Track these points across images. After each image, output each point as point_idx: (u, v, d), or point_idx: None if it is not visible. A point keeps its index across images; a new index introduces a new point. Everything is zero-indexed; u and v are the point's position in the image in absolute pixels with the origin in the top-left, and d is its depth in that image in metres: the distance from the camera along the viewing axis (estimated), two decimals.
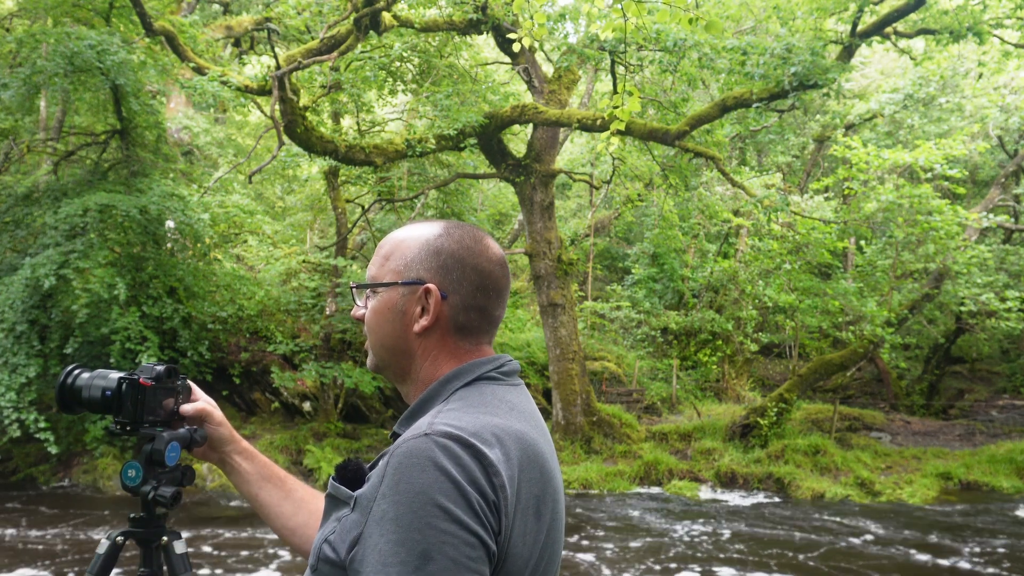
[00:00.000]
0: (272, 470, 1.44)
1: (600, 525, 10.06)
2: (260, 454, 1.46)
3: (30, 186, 12.86)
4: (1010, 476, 12.50)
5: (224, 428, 1.43)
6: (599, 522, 10.22)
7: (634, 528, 9.93)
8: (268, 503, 1.40)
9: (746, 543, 9.14)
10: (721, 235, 22.00)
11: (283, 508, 1.39)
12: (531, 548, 0.99)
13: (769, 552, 8.78)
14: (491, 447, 0.97)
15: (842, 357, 15.01)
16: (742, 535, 9.55)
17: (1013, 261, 16.14)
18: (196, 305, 12.70)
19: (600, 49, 11.19)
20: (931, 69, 15.13)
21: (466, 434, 0.96)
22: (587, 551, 8.75)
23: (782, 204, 12.55)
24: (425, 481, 0.92)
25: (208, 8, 17.74)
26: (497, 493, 0.95)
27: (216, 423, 1.42)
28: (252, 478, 1.42)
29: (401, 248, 1.18)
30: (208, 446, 1.43)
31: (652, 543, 9.14)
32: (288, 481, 1.43)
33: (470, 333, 1.15)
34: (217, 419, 1.43)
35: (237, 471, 1.43)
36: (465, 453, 0.94)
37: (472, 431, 0.97)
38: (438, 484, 0.92)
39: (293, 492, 1.41)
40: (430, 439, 0.95)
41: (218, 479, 11.55)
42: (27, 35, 11.33)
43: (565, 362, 13.58)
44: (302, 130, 11.08)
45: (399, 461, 0.95)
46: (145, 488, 1.34)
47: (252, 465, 1.43)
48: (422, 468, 0.93)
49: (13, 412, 10.09)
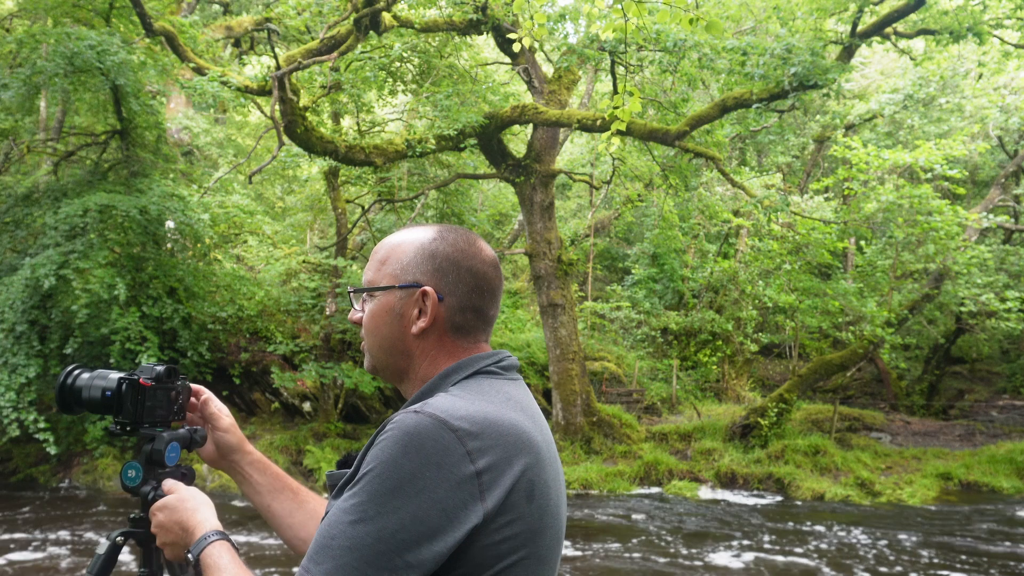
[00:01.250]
0: (285, 481, 1.45)
1: (600, 525, 10.05)
2: (272, 464, 1.47)
3: (30, 186, 12.86)
4: (1010, 476, 12.50)
5: (231, 435, 1.43)
6: (599, 522, 10.22)
7: (634, 527, 9.93)
8: (280, 514, 1.42)
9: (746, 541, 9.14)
10: (721, 235, 22.00)
11: (295, 519, 1.41)
12: (522, 529, 1.01)
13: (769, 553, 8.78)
14: (480, 428, 1.00)
15: (842, 357, 15.00)
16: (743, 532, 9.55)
17: (1013, 261, 16.13)
18: (196, 305, 12.69)
19: (600, 49, 11.19)
20: (931, 69, 15.13)
21: (452, 417, 1.00)
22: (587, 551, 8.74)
23: (782, 204, 12.55)
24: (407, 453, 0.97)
25: (208, 8, 17.74)
26: (480, 476, 0.98)
27: (223, 429, 1.43)
28: (263, 490, 1.43)
29: (397, 252, 1.20)
30: (216, 453, 1.44)
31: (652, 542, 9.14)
32: (301, 492, 1.45)
33: (467, 333, 1.18)
34: (224, 426, 1.43)
35: (248, 482, 1.44)
36: (449, 433, 0.98)
37: (461, 415, 1.01)
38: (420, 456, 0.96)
39: (305, 503, 1.43)
40: (420, 415, 1.00)
41: (218, 479, 11.55)
42: (27, 35, 11.33)
43: (565, 362, 13.58)
44: (302, 130, 11.08)
45: (387, 434, 1.00)
46: (145, 488, 1.34)
47: (264, 477, 1.44)
48: (406, 442, 0.97)
49: (13, 412, 10.09)
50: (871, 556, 8.68)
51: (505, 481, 1.00)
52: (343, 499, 0.98)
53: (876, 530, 9.88)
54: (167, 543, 1.25)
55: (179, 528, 1.23)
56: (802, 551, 8.86)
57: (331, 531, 0.96)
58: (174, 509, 1.25)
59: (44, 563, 7.81)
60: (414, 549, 0.94)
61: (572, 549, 8.72)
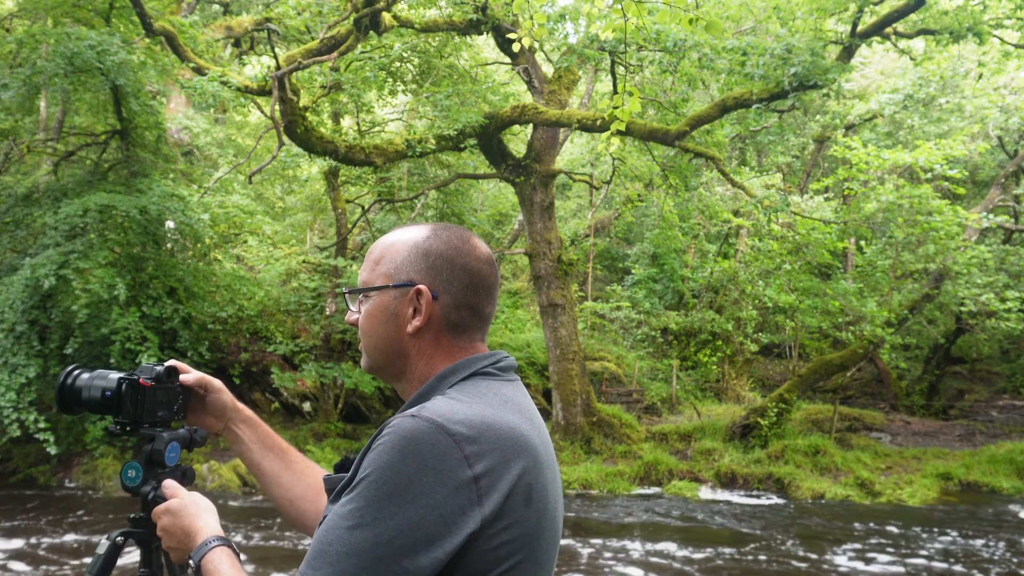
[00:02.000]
0: (274, 440, 1.47)
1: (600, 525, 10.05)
2: (263, 423, 1.49)
3: (30, 186, 12.86)
4: (1010, 476, 12.50)
5: (224, 395, 1.45)
6: (599, 522, 10.22)
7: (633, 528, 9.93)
8: (269, 472, 1.43)
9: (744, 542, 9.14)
10: (721, 235, 22.00)
11: (283, 478, 1.42)
12: (519, 533, 1.01)
13: (768, 550, 8.78)
14: (478, 432, 1.00)
15: (842, 357, 15.00)
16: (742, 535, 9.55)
17: (1013, 261, 16.14)
18: (196, 305, 12.70)
19: (600, 49, 11.19)
20: (931, 69, 15.13)
21: (449, 422, 0.99)
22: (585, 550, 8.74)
23: (782, 204, 12.55)
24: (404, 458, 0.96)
25: (208, 8, 17.74)
26: (478, 479, 0.97)
27: (216, 390, 1.44)
28: (255, 446, 1.45)
29: (391, 252, 1.20)
30: (212, 414, 1.45)
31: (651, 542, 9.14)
32: (290, 452, 1.47)
33: (463, 331, 1.18)
34: (216, 386, 1.44)
35: (240, 439, 1.46)
36: (447, 437, 0.98)
37: (458, 419, 1.00)
38: (417, 462, 0.96)
39: (294, 464, 1.45)
40: (417, 420, 0.99)
41: (218, 479, 11.55)
42: (27, 35, 11.33)
43: (565, 362, 13.58)
44: (302, 130, 11.08)
45: (384, 439, 0.99)
46: (145, 488, 1.34)
47: (255, 433, 1.46)
48: (403, 446, 0.97)
49: (13, 412, 10.09)
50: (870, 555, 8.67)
51: (503, 486, 0.99)
52: (341, 504, 0.98)
53: (874, 530, 9.87)
54: (171, 547, 1.26)
55: (182, 533, 1.24)
56: (801, 550, 8.85)
57: (328, 536, 0.96)
58: (177, 514, 1.25)
59: (44, 563, 7.81)
60: (411, 555, 0.94)
61: (572, 549, 8.71)
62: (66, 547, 8.39)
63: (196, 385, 1.43)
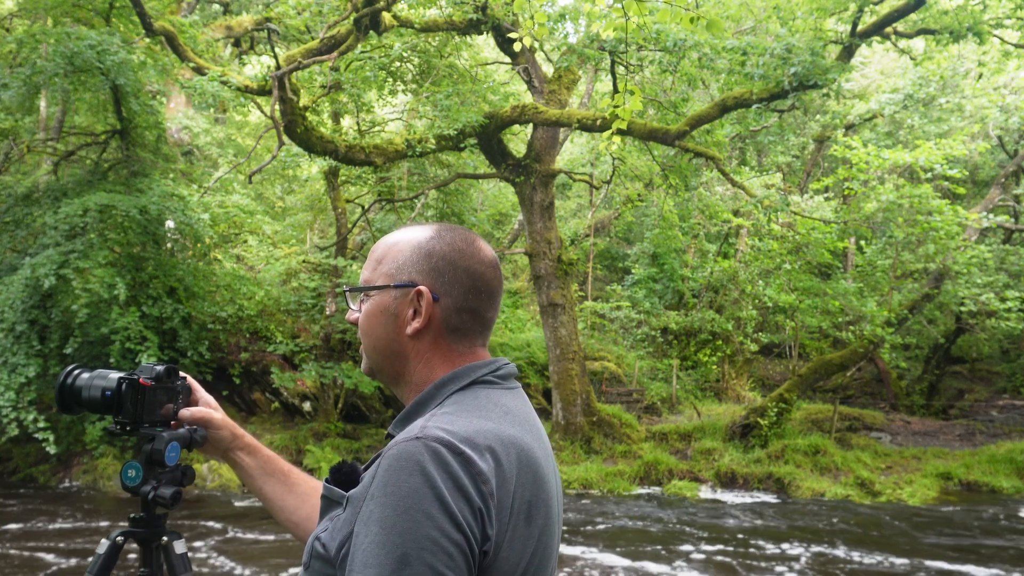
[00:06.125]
0: (276, 464, 1.45)
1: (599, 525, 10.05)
2: (264, 448, 1.47)
3: (30, 186, 12.87)
4: (1010, 476, 12.49)
5: (225, 431, 1.43)
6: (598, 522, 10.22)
7: (632, 527, 9.93)
8: (272, 497, 1.42)
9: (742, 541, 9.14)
10: (721, 235, 22.00)
11: (287, 502, 1.41)
12: (520, 553, 1.00)
13: (766, 550, 8.77)
14: (481, 453, 0.97)
15: (842, 357, 15.00)
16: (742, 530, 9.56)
17: (1013, 261, 16.13)
18: (196, 305, 12.69)
19: (600, 49, 11.19)
20: (931, 69, 15.12)
21: (456, 440, 0.97)
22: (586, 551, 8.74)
23: (782, 204, 12.55)
24: (412, 485, 0.93)
25: (208, 8, 17.74)
26: (485, 501, 0.95)
27: (217, 427, 1.42)
28: (256, 473, 1.43)
29: (393, 251, 1.18)
30: (213, 446, 1.44)
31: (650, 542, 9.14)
32: (292, 475, 1.45)
33: (463, 335, 1.16)
34: (217, 423, 1.42)
35: (241, 467, 1.45)
36: (454, 460, 0.95)
37: (463, 437, 0.98)
38: (424, 490, 0.92)
39: (297, 486, 1.43)
40: (421, 443, 0.96)
41: (218, 479, 11.55)
42: (27, 35, 11.33)
43: (565, 362, 13.58)
44: (302, 130, 11.08)
45: (389, 463, 0.96)
46: (145, 488, 1.34)
47: (255, 460, 1.44)
48: (410, 472, 0.94)
49: (13, 412, 10.09)
50: (868, 556, 8.67)
51: (506, 504, 0.98)
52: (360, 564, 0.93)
53: (875, 530, 9.87)
54: None
55: None
56: (800, 551, 8.85)
57: None
58: None
59: (44, 563, 7.81)
60: None
61: (571, 549, 8.70)
62: (66, 547, 8.39)
63: (195, 421, 1.41)
